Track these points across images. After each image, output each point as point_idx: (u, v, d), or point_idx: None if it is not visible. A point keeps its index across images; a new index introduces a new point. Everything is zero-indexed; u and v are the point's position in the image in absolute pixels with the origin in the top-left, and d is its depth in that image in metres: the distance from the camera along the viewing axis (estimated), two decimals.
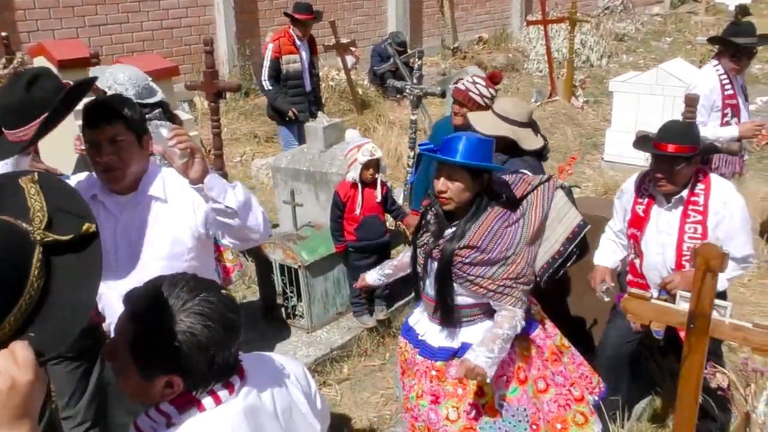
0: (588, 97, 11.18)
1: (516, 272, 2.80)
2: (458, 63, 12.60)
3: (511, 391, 2.92)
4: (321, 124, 5.26)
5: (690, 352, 2.73)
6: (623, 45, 14.75)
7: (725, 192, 3.31)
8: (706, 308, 2.64)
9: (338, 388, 4.37)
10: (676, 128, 3.30)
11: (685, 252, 3.31)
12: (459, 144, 2.73)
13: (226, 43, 10.42)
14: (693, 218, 3.29)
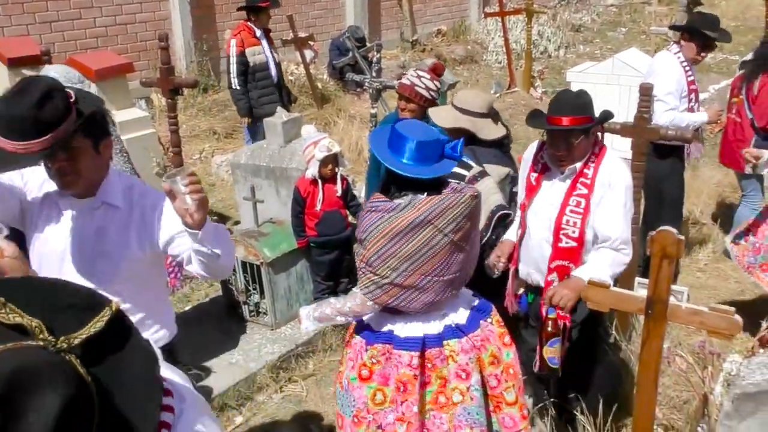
0: (546, 87, 11.29)
1: (367, 258, 2.68)
2: (417, 56, 12.60)
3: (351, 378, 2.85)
4: (280, 119, 5.22)
5: (648, 337, 2.78)
6: (580, 35, 14.92)
7: (616, 169, 3.17)
8: (663, 294, 2.69)
9: (304, 384, 4.35)
10: (570, 100, 3.13)
11: (564, 226, 3.16)
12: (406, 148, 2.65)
13: (182, 39, 10.27)
14: (579, 191, 3.14)
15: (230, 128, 9.14)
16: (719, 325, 2.64)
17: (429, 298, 2.72)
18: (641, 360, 2.85)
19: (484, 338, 2.81)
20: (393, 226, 2.62)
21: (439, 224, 2.62)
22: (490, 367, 2.80)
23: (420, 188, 2.67)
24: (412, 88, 4.06)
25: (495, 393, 2.83)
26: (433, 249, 2.64)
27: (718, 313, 2.63)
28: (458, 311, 2.84)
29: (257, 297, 4.72)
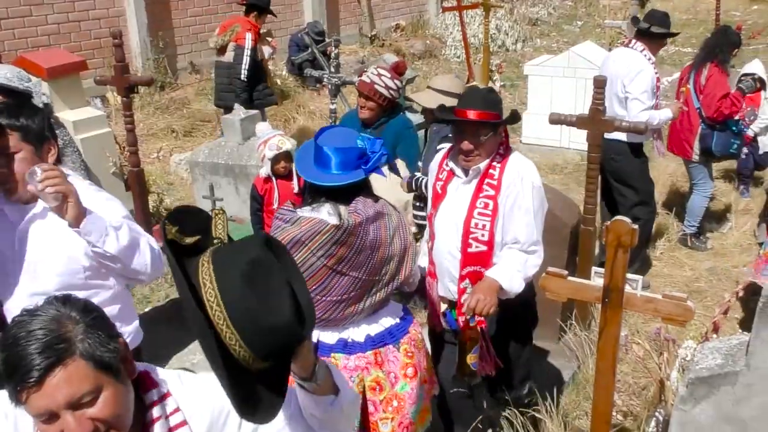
0: (505, 81, 11.38)
1: None
2: (376, 51, 12.62)
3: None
4: (238, 116, 5.19)
5: (606, 325, 2.82)
6: (537, 29, 15.08)
7: (523, 168, 3.04)
8: (619, 282, 2.74)
9: None
10: (479, 94, 3.04)
11: (472, 230, 3.01)
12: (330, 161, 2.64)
13: (137, 36, 10.12)
14: (486, 192, 3.00)
15: (189, 126, 9.04)
16: (673, 312, 2.69)
17: (317, 314, 2.62)
18: (599, 348, 2.90)
19: (373, 363, 2.75)
20: (283, 238, 2.58)
21: (312, 247, 2.58)
22: (370, 392, 2.75)
23: (328, 195, 2.65)
24: (371, 86, 4.07)
25: (372, 419, 2.77)
26: (309, 270, 2.60)
27: (672, 301, 2.69)
28: (359, 328, 2.78)
29: None
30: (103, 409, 1.29)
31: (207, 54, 11.05)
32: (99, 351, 1.29)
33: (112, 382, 1.31)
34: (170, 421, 1.44)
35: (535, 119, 8.26)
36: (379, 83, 4.07)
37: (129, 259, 2.36)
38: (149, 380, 1.47)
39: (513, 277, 2.95)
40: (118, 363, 1.33)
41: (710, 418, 2.54)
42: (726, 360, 2.58)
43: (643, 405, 3.75)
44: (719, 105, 5.48)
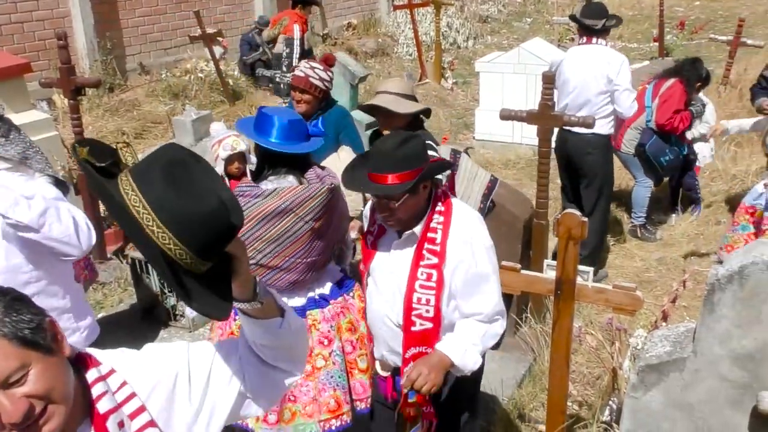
0: (457, 78, 11.48)
1: None
2: (328, 49, 12.57)
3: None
4: (189, 117, 5.13)
5: (559, 317, 2.89)
6: (487, 26, 15.23)
7: (469, 227, 2.60)
8: (570, 275, 2.81)
9: None
10: (389, 149, 2.47)
11: (415, 306, 2.56)
12: (273, 127, 2.84)
13: (84, 37, 9.91)
14: (427, 261, 2.55)
15: (140, 128, 8.89)
16: (623, 302, 2.77)
17: (293, 278, 2.89)
18: (553, 339, 2.97)
19: (344, 307, 3.02)
20: (259, 212, 2.76)
21: (300, 213, 2.78)
22: (347, 333, 3.00)
23: (291, 166, 2.87)
24: (306, 80, 4.08)
25: (349, 359, 3.00)
26: (295, 234, 2.81)
27: (622, 291, 2.77)
28: (324, 285, 3.03)
29: (173, 299, 4.63)
30: (35, 384, 1.27)
31: (157, 55, 10.91)
32: (20, 328, 1.27)
33: (41, 357, 1.29)
34: (117, 396, 1.43)
35: (487, 115, 8.34)
36: (314, 76, 4.09)
37: (46, 227, 2.35)
38: (90, 360, 1.46)
39: (468, 352, 2.55)
40: (47, 339, 1.31)
41: (660, 404, 2.60)
42: (674, 347, 2.64)
43: (597, 394, 3.83)
44: (672, 119, 5.74)
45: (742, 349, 2.41)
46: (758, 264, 2.32)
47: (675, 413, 2.59)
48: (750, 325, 2.37)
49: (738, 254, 2.52)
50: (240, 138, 4.47)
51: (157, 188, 1.33)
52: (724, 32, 11.27)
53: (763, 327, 2.35)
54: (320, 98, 4.16)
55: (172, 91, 9.74)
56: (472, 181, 3.62)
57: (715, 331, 2.44)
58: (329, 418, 2.91)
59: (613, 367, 3.56)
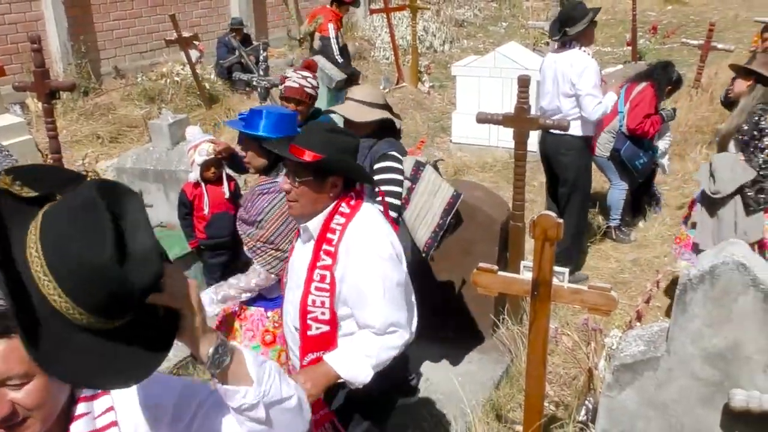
0: (434, 81, 11.52)
1: (266, 237, 2.91)
2: (305, 53, 12.55)
3: (254, 347, 3.05)
4: (165, 121, 5.10)
5: (535, 318, 2.92)
6: (464, 30, 15.30)
7: (365, 234, 2.46)
8: (547, 276, 2.84)
9: None
10: (314, 129, 2.52)
11: (310, 308, 2.48)
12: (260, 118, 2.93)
13: (57, 40, 9.81)
14: (322, 262, 2.45)
15: (115, 132, 8.82)
16: (598, 302, 2.80)
17: None
18: (530, 340, 2.99)
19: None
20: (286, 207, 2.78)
21: None
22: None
23: None
24: (302, 90, 4.10)
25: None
26: None
27: (596, 291, 2.80)
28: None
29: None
30: (28, 397, 1.25)
31: (132, 58, 10.83)
32: None
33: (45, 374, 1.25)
34: (98, 421, 1.38)
35: (464, 119, 8.39)
36: (307, 85, 4.12)
37: None
38: None
39: (358, 365, 2.43)
40: None
41: (635, 402, 2.64)
42: (648, 347, 2.69)
43: (573, 394, 3.86)
44: (643, 124, 5.83)
45: (713, 347, 2.46)
46: (728, 264, 2.38)
47: (649, 412, 2.64)
48: (721, 324, 2.42)
49: (709, 254, 2.57)
50: (215, 143, 4.46)
51: (55, 229, 1.18)
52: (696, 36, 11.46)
53: (733, 326, 2.40)
54: (311, 105, 4.20)
55: (148, 95, 9.67)
56: (432, 196, 3.54)
57: (688, 331, 2.49)
58: None
59: (589, 367, 3.61)
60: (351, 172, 2.51)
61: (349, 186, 2.51)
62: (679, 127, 8.22)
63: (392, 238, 2.54)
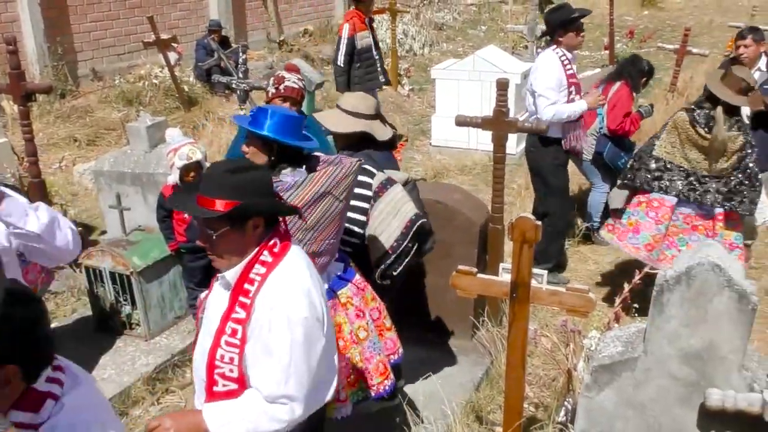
0: (413, 84, 11.55)
1: None
2: (285, 56, 12.55)
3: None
4: (144, 123, 5.07)
5: (514, 320, 2.93)
6: (443, 33, 15.35)
7: (282, 290, 2.20)
8: (525, 278, 2.85)
9: (182, 394, 4.25)
10: (217, 172, 2.22)
11: (218, 363, 2.23)
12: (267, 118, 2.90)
13: (33, 42, 9.71)
14: (236, 314, 2.21)
15: (92, 135, 8.74)
16: (576, 304, 2.82)
17: (326, 260, 2.99)
18: (509, 342, 3.01)
19: (363, 281, 3.20)
20: (296, 203, 2.79)
21: (336, 193, 2.88)
22: (372, 302, 3.21)
23: (299, 162, 2.94)
24: (300, 90, 4.28)
25: (378, 323, 3.22)
26: (332, 216, 2.91)
27: (575, 293, 2.82)
28: (335, 265, 3.14)
29: (128, 308, 4.56)
30: None
31: (110, 60, 10.74)
32: None
33: None
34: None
35: (443, 122, 8.42)
36: (300, 86, 4.30)
37: (52, 236, 2.43)
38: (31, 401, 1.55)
39: (231, 426, 2.20)
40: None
41: (613, 403, 2.67)
42: (626, 347, 2.71)
43: (553, 395, 3.89)
44: (623, 121, 5.87)
45: (689, 348, 2.49)
46: (704, 265, 2.41)
47: (627, 412, 2.66)
48: (697, 324, 2.45)
49: (685, 256, 2.60)
50: (197, 146, 4.44)
51: None
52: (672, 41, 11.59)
53: (709, 326, 2.43)
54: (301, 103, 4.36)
55: (126, 98, 9.60)
56: (391, 216, 3.36)
57: (665, 331, 2.52)
58: (382, 381, 3.12)
59: (568, 368, 3.63)
60: (272, 211, 2.28)
61: (273, 222, 2.28)
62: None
63: (314, 297, 2.25)
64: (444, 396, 3.75)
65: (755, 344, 4.47)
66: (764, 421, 2.36)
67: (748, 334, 2.43)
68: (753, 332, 4.76)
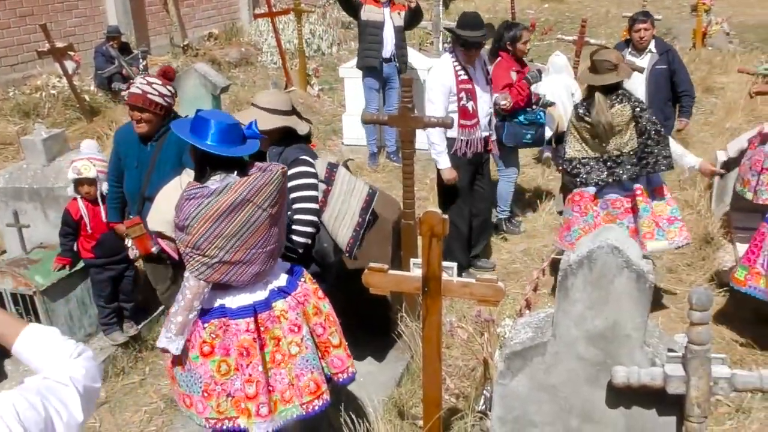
0: (323, 84, 11.51)
1: (193, 243, 2.84)
2: (190, 60, 12.27)
3: (194, 357, 2.97)
4: (39, 136, 4.85)
5: (428, 314, 2.96)
6: (351, 32, 15.33)
7: None
8: (436, 271, 2.88)
9: (96, 414, 4.10)
10: None
11: None
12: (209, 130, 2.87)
13: None
14: None
15: None
16: (487, 294, 2.88)
17: (255, 269, 2.93)
18: (424, 336, 3.03)
19: (304, 294, 3.12)
20: (215, 209, 2.78)
21: (257, 201, 2.83)
22: (314, 317, 3.12)
23: (231, 167, 2.92)
24: (145, 97, 3.93)
25: (322, 339, 3.14)
26: (255, 224, 2.85)
27: (484, 283, 2.87)
28: (278, 276, 3.09)
29: None
30: None
31: (2, 72, 10.25)
32: None
33: None
34: None
35: (354, 121, 8.41)
36: (152, 92, 3.94)
37: None
38: None
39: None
40: None
41: (526, 388, 2.73)
42: (536, 333, 2.78)
43: (472, 385, 3.95)
44: (509, 93, 5.73)
45: (595, 329, 2.57)
46: (603, 248, 2.49)
47: (540, 395, 2.73)
48: (600, 305, 2.54)
49: (586, 240, 2.68)
50: (92, 162, 4.26)
51: None
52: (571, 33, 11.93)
53: (611, 307, 2.51)
54: (162, 116, 4.00)
55: (22, 110, 9.19)
56: (349, 196, 3.60)
57: (571, 315, 2.59)
58: (311, 400, 3.03)
59: (484, 357, 3.69)
60: None
61: None
62: None
63: None
64: (366, 394, 3.75)
65: (660, 320, 4.68)
66: (667, 393, 2.46)
67: (647, 312, 2.53)
68: (658, 309, 5.00)
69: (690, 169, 5.22)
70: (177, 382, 3.07)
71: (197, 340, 2.96)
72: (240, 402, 2.93)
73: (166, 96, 3.99)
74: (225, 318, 2.95)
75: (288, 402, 3.00)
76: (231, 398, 2.94)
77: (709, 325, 2.41)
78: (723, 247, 5.61)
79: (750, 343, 4.49)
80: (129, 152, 4.18)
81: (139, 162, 4.14)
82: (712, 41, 12.93)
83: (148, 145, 4.08)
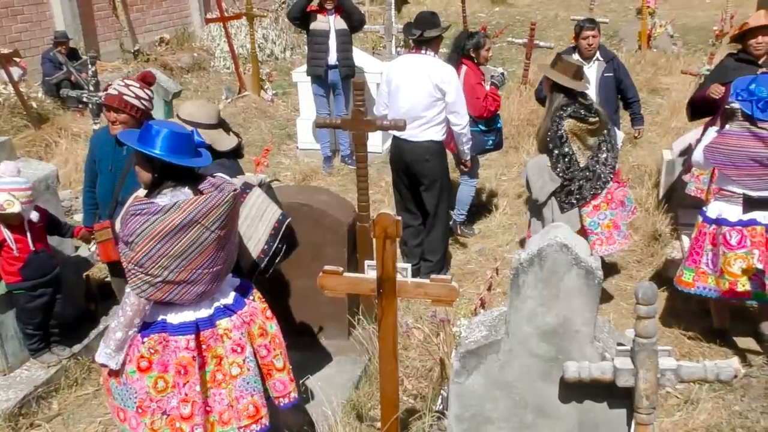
0: (276, 89, 11.47)
1: (137, 260, 2.76)
2: (141, 66, 12.10)
3: (130, 371, 2.92)
4: None
5: (383, 315, 2.99)
6: (303, 37, 15.23)
7: None
8: (390, 273, 2.91)
9: (49, 427, 4.03)
10: None
11: None
12: (158, 137, 2.80)
13: None
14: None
15: None
16: (441, 294, 2.92)
17: (200, 290, 2.88)
18: (380, 337, 3.06)
19: (251, 314, 3.06)
20: (161, 228, 2.71)
21: (206, 223, 2.76)
22: (259, 338, 3.07)
23: (183, 180, 2.86)
24: (120, 98, 3.89)
25: (266, 362, 3.09)
26: (202, 245, 2.79)
27: (439, 283, 2.91)
28: (226, 294, 3.04)
29: None
30: None
31: None
32: None
33: None
34: None
35: (308, 125, 8.41)
36: (129, 94, 3.90)
37: None
38: None
39: None
40: None
41: (482, 386, 2.77)
42: (490, 331, 2.82)
43: (430, 385, 3.99)
44: (485, 105, 5.92)
45: (546, 325, 2.62)
46: (553, 245, 2.55)
47: (495, 392, 2.77)
48: (551, 302, 2.59)
49: (535, 238, 2.74)
50: (14, 196, 3.98)
51: None
52: (521, 36, 12.14)
53: (561, 303, 2.57)
54: (138, 119, 3.93)
55: None
56: (257, 220, 3.41)
57: (523, 312, 2.64)
58: (249, 424, 2.98)
59: (440, 357, 3.73)
60: None
61: None
62: (512, 121, 8.68)
63: None
64: (324, 397, 3.76)
65: (611, 316, 4.79)
66: (617, 386, 2.53)
67: (596, 307, 2.59)
68: (609, 306, 5.11)
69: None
70: (112, 395, 3.01)
71: (135, 354, 2.90)
72: (175, 421, 2.87)
73: (143, 99, 3.97)
74: (165, 333, 2.90)
75: (226, 424, 2.95)
76: (166, 416, 2.88)
77: (656, 318, 2.48)
78: (671, 243, 5.78)
79: (697, 336, 4.63)
80: (104, 156, 4.15)
81: (114, 166, 4.11)
82: (657, 43, 13.28)
83: (124, 149, 4.00)
